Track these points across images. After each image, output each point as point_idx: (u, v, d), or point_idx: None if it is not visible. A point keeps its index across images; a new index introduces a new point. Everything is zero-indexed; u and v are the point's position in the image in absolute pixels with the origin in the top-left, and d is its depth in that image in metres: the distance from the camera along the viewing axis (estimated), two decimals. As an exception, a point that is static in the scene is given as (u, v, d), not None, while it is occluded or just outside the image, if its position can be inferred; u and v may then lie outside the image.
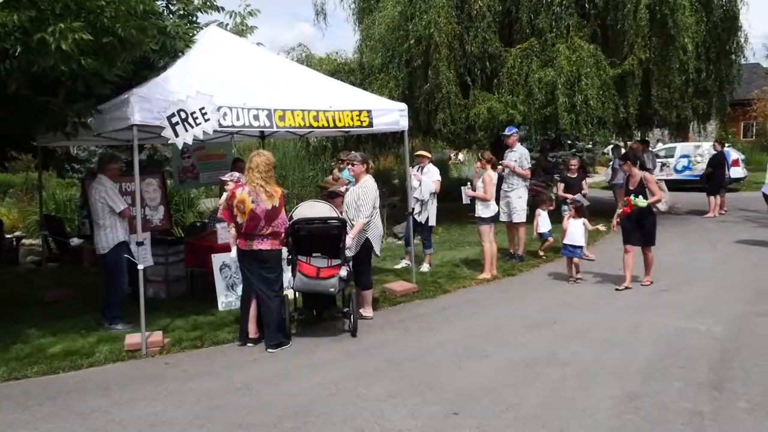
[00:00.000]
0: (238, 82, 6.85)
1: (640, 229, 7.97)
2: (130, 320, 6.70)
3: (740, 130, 36.20)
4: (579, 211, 8.77)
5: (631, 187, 7.95)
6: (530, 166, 9.81)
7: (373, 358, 5.70)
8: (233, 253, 6.14)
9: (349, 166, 7.03)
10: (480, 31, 13.04)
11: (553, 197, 10.78)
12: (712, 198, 15.19)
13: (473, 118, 12.89)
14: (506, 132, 9.88)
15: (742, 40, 15.04)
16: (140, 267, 6.05)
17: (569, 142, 23.05)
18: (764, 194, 11.05)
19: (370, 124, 7.46)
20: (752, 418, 4.25)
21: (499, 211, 9.14)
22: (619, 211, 8.16)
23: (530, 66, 12.76)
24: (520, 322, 6.74)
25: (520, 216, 9.55)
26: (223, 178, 7.71)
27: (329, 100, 7.18)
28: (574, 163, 10.81)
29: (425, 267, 9.40)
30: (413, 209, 8.98)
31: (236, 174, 8.02)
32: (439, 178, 9.51)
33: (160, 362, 5.79)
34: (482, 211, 8.73)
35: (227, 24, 8.55)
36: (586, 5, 13.41)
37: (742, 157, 23.26)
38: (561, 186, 10.70)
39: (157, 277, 8.10)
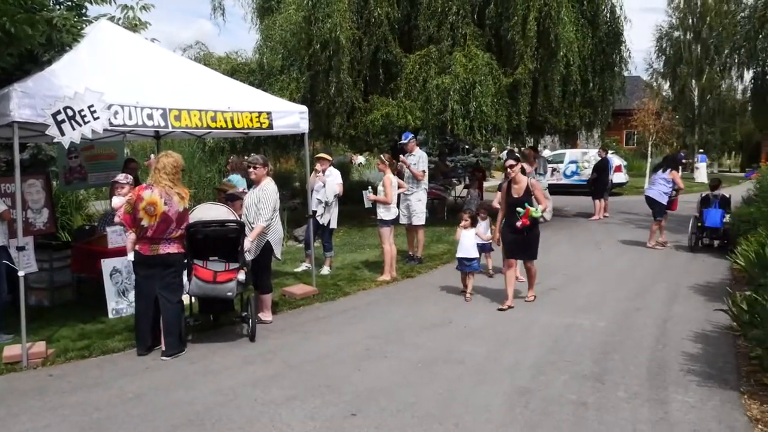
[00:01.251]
0: (131, 79, 6.56)
1: (523, 241, 7.38)
2: (10, 331, 6.26)
3: (623, 138, 38.71)
4: (473, 220, 8.13)
5: (515, 195, 7.32)
6: (426, 169, 10.01)
7: (272, 363, 5.64)
8: (130, 256, 5.89)
9: (250, 168, 6.92)
10: (379, 38, 13.21)
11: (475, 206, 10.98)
12: (597, 201, 16.17)
13: (370, 123, 13.01)
14: (403, 140, 10.04)
15: (625, 54, 16.12)
16: (21, 273, 5.67)
17: (466, 147, 23.82)
18: (647, 197, 11.83)
19: (270, 126, 7.38)
20: (630, 406, 4.56)
21: (399, 213, 9.28)
22: (501, 221, 7.63)
23: (428, 72, 13.06)
24: (418, 323, 6.87)
25: (419, 218, 9.74)
26: (117, 180, 7.39)
27: (228, 100, 7.03)
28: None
29: (326, 270, 9.41)
30: (314, 212, 8.96)
31: (130, 176, 7.72)
32: (341, 180, 9.54)
33: (44, 374, 5.45)
34: (384, 213, 8.85)
35: (119, 18, 8.17)
36: (482, 15, 13.86)
37: (625, 163, 24.93)
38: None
39: (40, 284, 7.63)
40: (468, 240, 7.89)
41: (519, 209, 7.16)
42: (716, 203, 11.36)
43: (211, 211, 6.35)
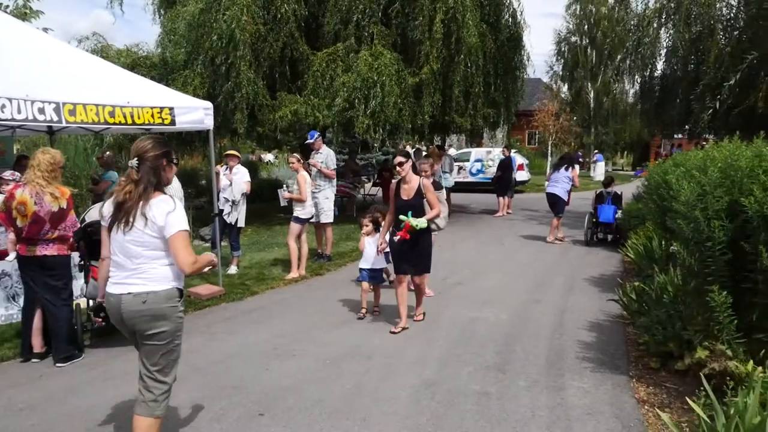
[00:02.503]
0: (20, 71, 6.17)
1: (411, 252, 6.32)
2: None
3: (525, 138, 40.27)
4: (376, 225, 7.12)
5: (404, 197, 6.32)
6: (335, 167, 10.03)
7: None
8: (11, 257, 5.55)
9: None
10: (285, 34, 13.09)
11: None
12: (501, 198, 16.76)
13: (277, 120, 12.88)
14: (309, 138, 9.99)
15: (525, 58, 16.81)
16: None
17: (376, 145, 24.02)
18: (550, 194, 12.35)
19: (173, 122, 7.15)
20: (529, 393, 4.77)
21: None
22: (388, 227, 6.61)
23: (335, 71, 13.07)
24: (326, 321, 6.88)
25: (327, 216, 9.74)
26: (3, 176, 6.95)
27: (127, 95, 6.76)
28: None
29: (233, 269, 9.24)
30: (221, 210, 8.77)
31: (18, 173, 7.27)
32: (249, 179, 9.39)
33: None
34: (299, 211, 8.81)
35: (7, 6, 7.70)
36: (389, 15, 14.01)
37: (527, 162, 25.93)
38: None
39: None
40: (373, 248, 6.94)
41: (402, 217, 6.19)
42: (609, 200, 12.06)
43: (110, 210, 6.09)
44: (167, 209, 3.32)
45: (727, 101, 13.02)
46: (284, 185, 9.21)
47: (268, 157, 32.67)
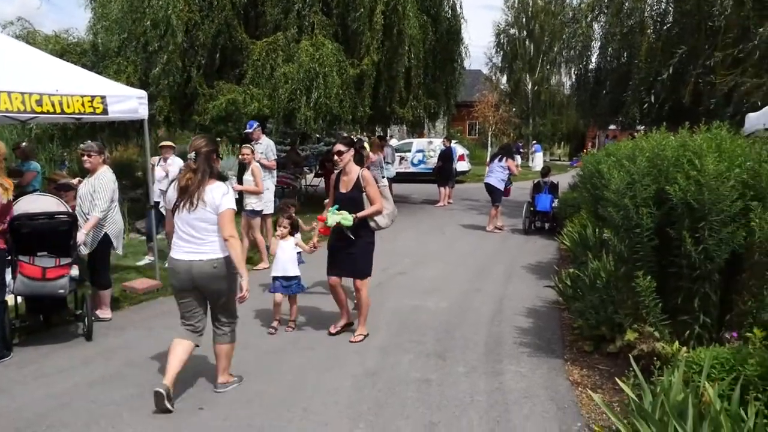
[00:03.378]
0: (-63, 57, 5.88)
1: (346, 250, 5.68)
2: None
3: (466, 129, 40.77)
4: (293, 227, 6.26)
5: (342, 189, 5.74)
6: (275, 158, 9.92)
7: (112, 362, 5.34)
8: None
9: (84, 156, 6.46)
10: (221, 21, 12.82)
11: None
12: (442, 189, 16.95)
13: (212, 109, 12.60)
14: (248, 128, 9.85)
15: (464, 50, 17.04)
16: None
17: (318, 136, 23.87)
18: (486, 184, 12.57)
19: (105, 112, 6.92)
20: (468, 379, 4.87)
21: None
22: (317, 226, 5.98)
23: (276, 60, 12.91)
24: (268, 312, 6.80)
25: (268, 207, 9.63)
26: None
27: (56, 83, 6.49)
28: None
29: (171, 262, 9.04)
30: (156, 202, 8.56)
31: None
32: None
33: None
34: (255, 204, 8.68)
35: None
36: (330, 5, 13.92)
37: (467, 152, 26.27)
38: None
39: None
40: (286, 253, 6.10)
41: (320, 218, 5.72)
42: (546, 189, 12.37)
43: (38, 203, 5.86)
44: (222, 191, 4.29)
45: (659, 95, 13.52)
46: (230, 177, 9.05)
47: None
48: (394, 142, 24.31)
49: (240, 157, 8.82)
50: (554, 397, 4.54)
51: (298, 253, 6.23)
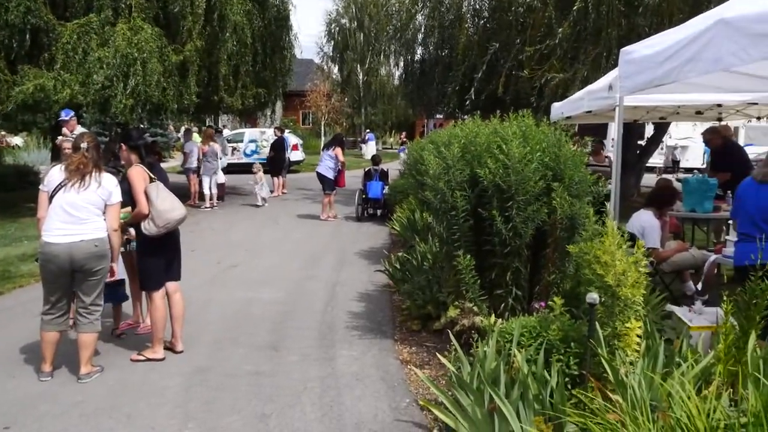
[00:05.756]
0: None
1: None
2: None
3: (299, 118, 40.69)
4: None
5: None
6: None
7: None
8: None
9: None
10: (20, 1, 11.59)
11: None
12: (275, 179, 16.80)
13: (17, 95, 11.40)
14: (63, 116, 9.07)
15: (293, 38, 16.98)
16: None
17: (141, 125, 22.55)
18: (317, 173, 12.63)
19: None
20: (301, 367, 4.88)
21: None
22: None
23: (89, 44, 11.95)
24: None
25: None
26: None
27: None
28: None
29: (-29, 268, 8.10)
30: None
31: None
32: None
33: None
34: None
35: None
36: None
37: (301, 142, 26.26)
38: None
39: None
40: None
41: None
42: (377, 176, 12.71)
43: None
44: (114, 182, 4.67)
45: (477, 86, 14.35)
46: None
47: (16, 140, 28.99)
48: (226, 132, 23.63)
49: (65, 151, 8.05)
50: (385, 377, 4.69)
51: None
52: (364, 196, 12.69)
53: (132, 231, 5.26)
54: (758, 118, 9.85)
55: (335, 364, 4.94)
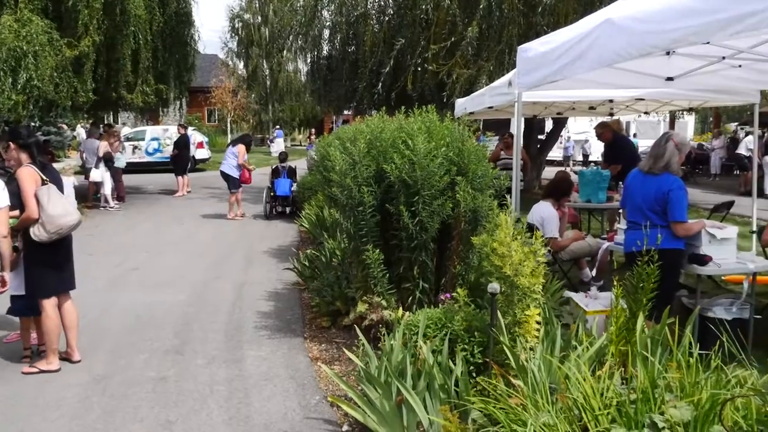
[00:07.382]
0: None
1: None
2: None
3: (205, 115, 39.62)
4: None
5: None
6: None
7: None
8: None
9: None
10: None
11: None
12: (179, 178, 16.25)
13: None
14: None
15: (196, 33, 16.51)
16: None
17: (33, 124, 21.26)
18: (221, 172, 12.35)
19: None
20: (208, 371, 4.75)
21: None
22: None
23: (-29, 36, 11.11)
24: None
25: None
26: None
27: None
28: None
29: None
30: None
31: None
32: None
33: None
34: None
35: None
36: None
37: (206, 139, 25.52)
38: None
39: None
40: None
41: None
42: (285, 174, 12.56)
43: None
44: (1, 186, 4.31)
45: (386, 83, 14.45)
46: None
47: None
48: (126, 129, 22.65)
49: None
50: (294, 375, 4.64)
51: None
52: (272, 193, 12.51)
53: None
54: (646, 113, 10.48)
55: (243, 365, 4.85)
